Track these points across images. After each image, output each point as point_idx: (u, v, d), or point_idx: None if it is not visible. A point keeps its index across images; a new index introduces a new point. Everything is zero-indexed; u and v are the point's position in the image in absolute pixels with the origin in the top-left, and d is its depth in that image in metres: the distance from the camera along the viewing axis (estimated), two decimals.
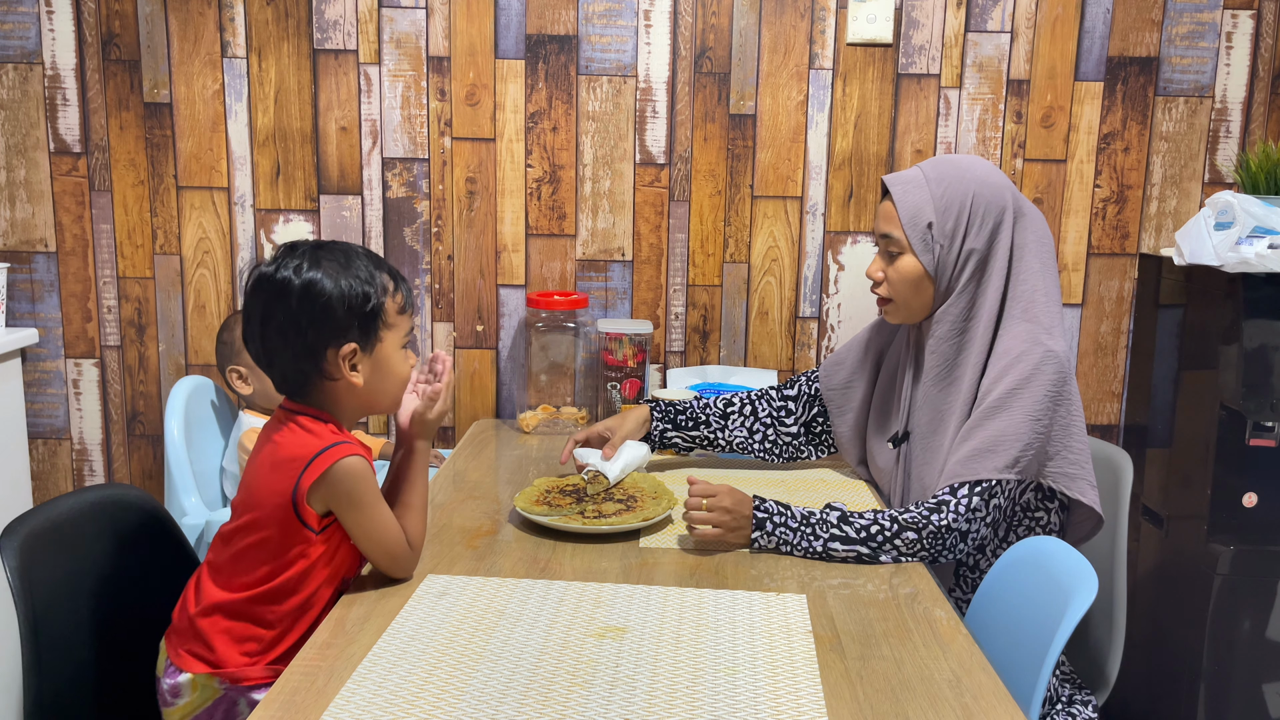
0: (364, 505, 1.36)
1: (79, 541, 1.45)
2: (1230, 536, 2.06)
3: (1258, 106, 2.37)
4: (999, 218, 1.63)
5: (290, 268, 1.35)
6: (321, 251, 1.37)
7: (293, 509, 1.33)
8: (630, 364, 2.23)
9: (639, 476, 1.79)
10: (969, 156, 1.72)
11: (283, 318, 1.35)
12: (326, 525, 1.36)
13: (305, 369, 1.37)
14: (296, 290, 1.34)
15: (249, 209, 2.39)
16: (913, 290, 1.67)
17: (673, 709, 1.08)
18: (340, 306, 1.34)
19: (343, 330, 1.35)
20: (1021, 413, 1.54)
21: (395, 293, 1.41)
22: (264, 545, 1.35)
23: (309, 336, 1.35)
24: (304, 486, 1.33)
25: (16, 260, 2.39)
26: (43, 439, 2.46)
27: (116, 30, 2.32)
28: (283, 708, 1.08)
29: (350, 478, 1.34)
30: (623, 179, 2.39)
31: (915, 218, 1.64)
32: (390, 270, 1.42)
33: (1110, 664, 1.72)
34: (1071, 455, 1.57)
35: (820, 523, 1.54)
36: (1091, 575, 1.28)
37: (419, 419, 1.47)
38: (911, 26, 2.33)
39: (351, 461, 1.34)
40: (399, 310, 1.41)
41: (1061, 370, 1.56)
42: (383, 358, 1.40)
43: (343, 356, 1.36)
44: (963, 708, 1.12)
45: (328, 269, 1.35)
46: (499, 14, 2.33)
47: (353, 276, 1.36)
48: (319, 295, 1.34)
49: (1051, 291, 1.64)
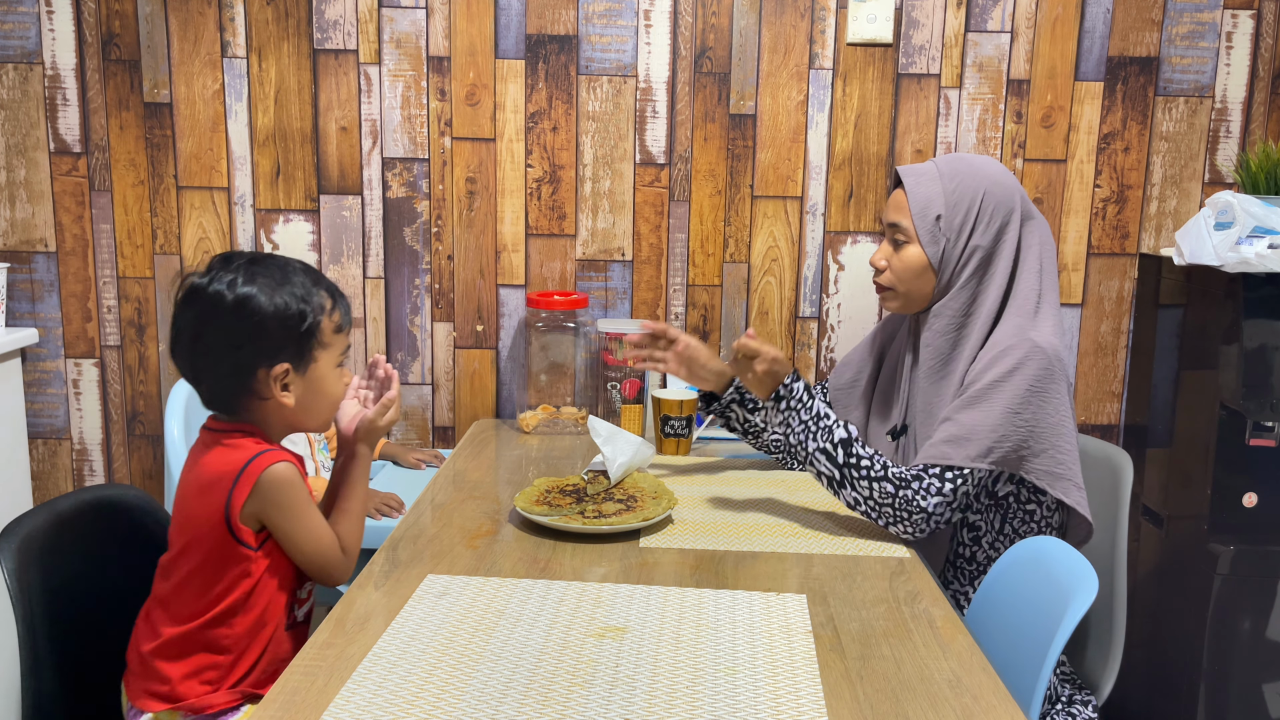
0: (294, 512, 1.32)
1: (78, 542, 1.45)
2: (1230, 536, 2.06)
3: (1258, 106, 2.37)
4: (1006, 218, 1.65)
5: (224, 281, 1.29)
6: (257, 266, 1.32)
7: (227, 529, 1.30)
8: (630, 364, 2.23)
9: (639, 476, 1.79)
10: (983, 156, 1.73)
11: (214, 334, 1.30)
12: (265, 540, 1.33)
13: (234, 387, 1.33)
14: (229, 306, 1.28)
15: (249, 209, 2.39)
16: (915, 280, 1.68)
17: (673, 709, 1.08)
18: (274, 325, 1.30)
19: (276, 350, 1.31)
20: (1001, 404, 1.56)
21: (332, 311, 1.36)
22: (203, 570, 1.31)
23: (241, 355, 1.30)
24: (235, 504, 1.29)
25: (16, 260, 2.39)
26: (43, 439, 2.46)
27: (116, 30, 2.32)
28: (283, 708, 1.08)
29: (279, 485, 1.30)
30: (623, 179, 2.39)
31: (925, 209, 1.65)
32: (329, 287, 1.37)
33: (1110, 664, 1.72)
34: (1059, 455, 1.58)
35: (825, 430, 1.61)
36: (1091, 575, 1.28)
37: (368, 426, 1.43)
38: (911, 26, 2.33)
39: (280, 468, 1.30)
40: (335, 329, 1.36)
41: (1047, 366, 1.57)
42: (316, 378, 1.36)
43: (274, 377, 1.32)
44: (963, 708, 1.12)
45: (263, 284, 1.30)
46: (499, 14, 2.33)
47: (289, 293, 1.31)
48: (253, 312, 1.29)
49: (1050, 294, 1.65)
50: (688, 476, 1.93)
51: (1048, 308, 1.64)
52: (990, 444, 1.55)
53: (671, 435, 2.08)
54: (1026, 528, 1.65)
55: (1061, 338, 1.63)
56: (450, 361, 2.45)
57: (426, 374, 2.46)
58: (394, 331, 2.44)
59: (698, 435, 2.19)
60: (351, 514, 1.41)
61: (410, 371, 2.45)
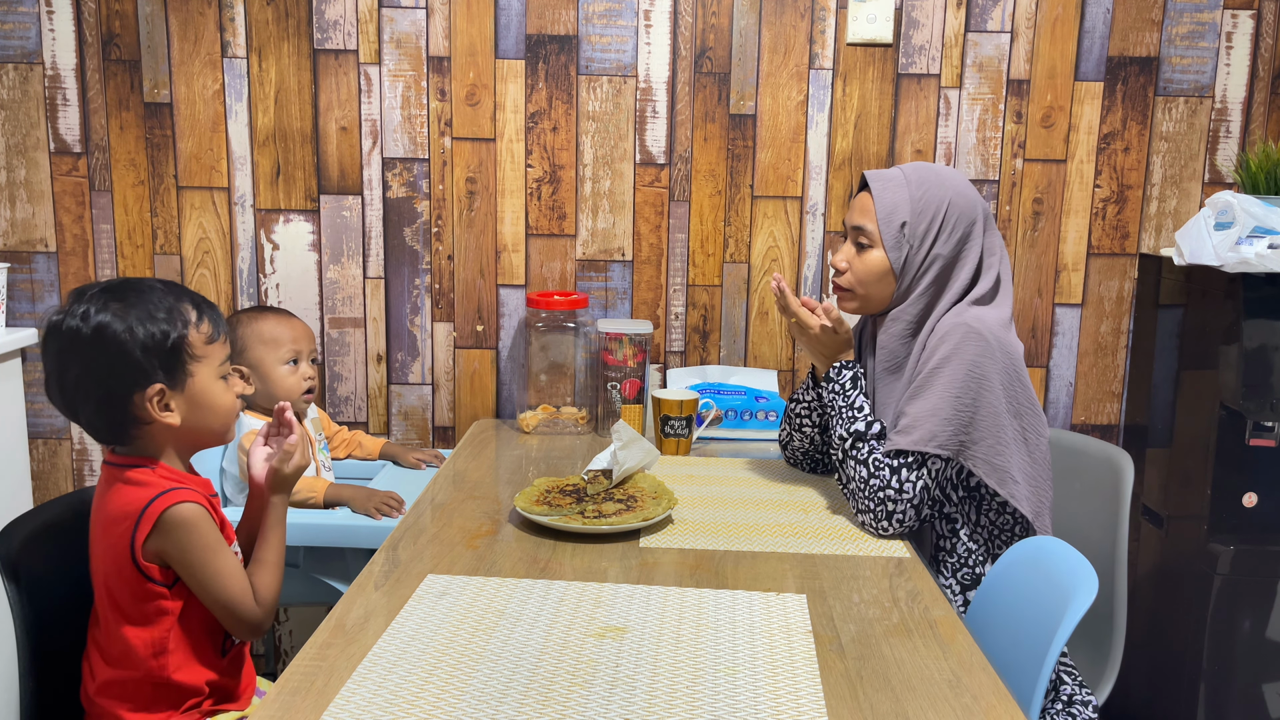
0: (199, 555, 1.29)
1: (78, 543, 1.45)
2: (1230, 536, 2.06)
3: (1258, 106, 2.37)
4: (969, 229, 1.70)
5: (77, 315, 1.27)
6: (109, 294, 1.29)
7: (135, 568, 1.28)
8: (630, 364, 2.23)
9: (639, 476, 1.79)
10: (947, 167, 1.78)
11: (78, 369, 1.28)
12: (178, 579, 1.31)
13: (113, 417, 1.30)
14: (87, 338, 1.26)
15: (249, 209, 2.39)
16: (875, 284, 1.73)
17: (673, 709, 1.08)
18: (136, 349, 1.27)
19: (144, 373, 1.28)
20: (940, 388, 1.60)
21: (199, 322, 1.33)
22: (122, 610, 1.30)
23: (108, 385, 1.28)
24: (138, 543, 1.27)
25: (16, 260, 2.39)
26: (43, 439, 2.46)
27: (116, 30, 2.32)
28: (283, 708, 1.08)
29: (181, 525, 1.28)
30: (623, 179, 2.39)
31: (891, 215, 1.69)
32: (193, 299, 1.34)
33: (1110, 664, 1.72)
34: (997, 445, 1.61)
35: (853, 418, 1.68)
36: (1091, 575, 1.28)
37: (275, 473, 1.41)
38: (911, 26, 2.33)
39: (182, 509, 1.28)
40: (207, 340, 1.33)
41: (985, 349, 1.60)
42: (198, 391, 1.33)
43: (149, 399, 1.29)
44: (963, 708, 1.12)
45: (116, 310, 1.27)
46: (499, 14, 2.33)
47: (144, 314, 1.28)
48: (111, 340, 1.26)
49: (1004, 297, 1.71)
50: (688, 476, 1.93)
51: (997, 305, 1.69)
52: (934, 429, 1.59)
53: (671, 435, 2.08)
54: (1001, 518, 1.66)
55: (1007, 328, 1.66)
56: (450, 361, 2.45)
57: (426, 374, 2.46)
58: (394, 331, 2.44)
59: (698, 435, 2.19)
60: (268, 564, 1.37)
61: (410, 371, 2.45)
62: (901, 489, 1.60)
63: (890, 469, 1.61)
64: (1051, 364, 2.46)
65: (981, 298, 1.69)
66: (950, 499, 1.67)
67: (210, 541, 1.30)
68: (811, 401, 1.88)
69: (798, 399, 1.91)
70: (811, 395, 1.88)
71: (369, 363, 2.44)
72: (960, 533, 1.67)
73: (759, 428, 2.26)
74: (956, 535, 1.67)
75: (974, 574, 1.66)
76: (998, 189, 2.40)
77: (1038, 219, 2.41)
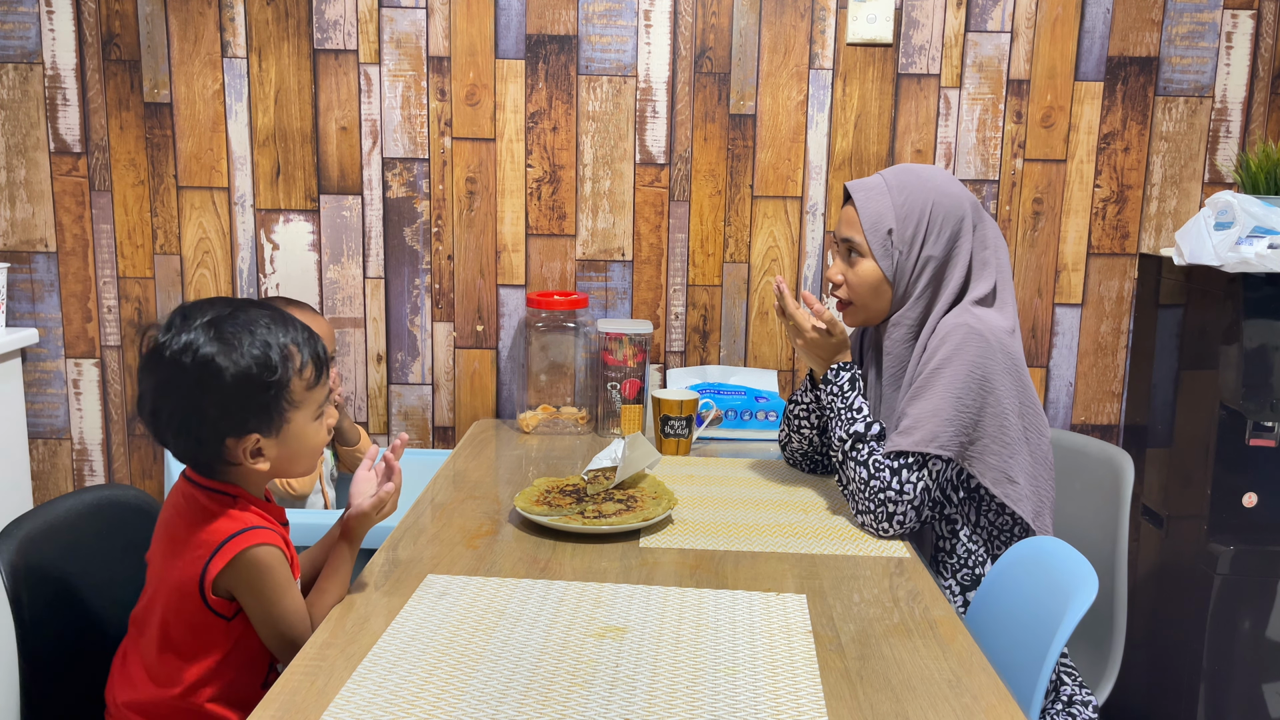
0: (270, 597, 1.27)
1: (78, 543, 1.45)
2: (1230, 536, 2.06)
3: (1258, 106, 2.37)
4: (957, 227, 1.69)
5: (180, 346, 1.22)
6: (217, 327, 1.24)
7: (200, 598, 1.26)
8: (630, 364, 2.23)
9: (639, 476, 1.79)
10: (930, 166, 1.77)
11: (173, 404, 1.24)
12: (239, 610, 1.29)
13: (203, 454, 1.28)
14: (188, 375, 1.22)
15: (249, 209, 2.39)
16: (872, 294, 1.73)
17: (673, 709, 1.08)
18: (237, 395, 1.23)
19: (241, 422, 1.25)
20: (941, 389, 1.60)
21: (303, 368, 1.28)
22: (177, 631, 1.27)
23: (204, 426, 1.24)
24: (210, 576, 1.25)
25: (16, 260, 2.39)
26: (43, 439, 2.46)
27: (116, 30, 2.32)
28: (283, 708, 1.08)
29: (256, 568, 1.25)
30: (623, 179, 2.39)
31: (876, 224, 1.70)
32: (299, 336, 1.29)
33: (1110, 664, 1.72)
34: (998, 446, 1.61)
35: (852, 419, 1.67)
36: (1091, 575, 1.28)
37: (364, 517, 1.38)
38: (911, 26, 2.33)
39: (261, 552, 1.25)
40: (308, 387, 1.29)
41: (986, 350, 1.60)
42: (292, 436, 1.29)
43: (244, 448, 1.26)
44: (963, 708, 1.12)
45: (221, 350, 1.22)
46: (499, 14, 2.33)
47: (249, 358, 1.23)
48: (211, 382, 1.22)
49: (1004, 292, 1.71)
50: (688, 476, 1.93)
51: (999, 303, 1.69)
52: (935, 429, 1.59)
53: (671, 435, 2.08)
54: (1001, 519, 1.66)
55: (1010, 328, 1.66)
56: (450, 361, 2.45)
57: (426, 374, 2.46)
58: (394, 331, 2.44)
59: (698, 435, 2.19)
60: (330, 595, 1.35)
61: (410, 371, 2.45)
62: (902, 490, 1.60)
63: (891, 470, 1.61)
64: (1051, 364, 2.46)
65: (983, 299, 1.69)
66: (951, 500, 1.67)
67: (281, 581, 1.28)
68: (810, 403, 1.88)
69: (796, 400, 1.91)
70: (810, 397, 1.88)
71: (369, 363, 2.44)
72: (960, 533, 1.67)
73: (759, 428, 2.26)
74: (956, 536, 1.67)
75: (974, 574, 1.66)
76: (998, 189, 2.40)
77: (1038, 219, 2.41)
